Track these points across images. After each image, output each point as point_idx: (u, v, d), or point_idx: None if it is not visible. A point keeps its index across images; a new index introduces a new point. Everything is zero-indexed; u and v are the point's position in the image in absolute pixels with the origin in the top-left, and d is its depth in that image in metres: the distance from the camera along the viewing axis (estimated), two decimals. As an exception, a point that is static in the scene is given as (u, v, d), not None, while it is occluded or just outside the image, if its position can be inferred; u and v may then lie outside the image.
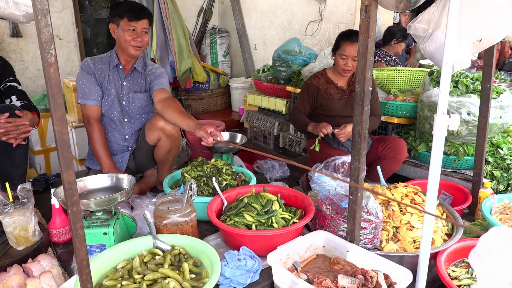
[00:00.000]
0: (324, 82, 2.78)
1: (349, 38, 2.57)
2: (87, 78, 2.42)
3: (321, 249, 1.84)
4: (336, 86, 2.77)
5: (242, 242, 1.79)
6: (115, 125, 2.54)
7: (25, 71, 4.32)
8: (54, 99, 1.00)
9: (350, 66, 2.62)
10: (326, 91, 2.76)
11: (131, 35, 2.33)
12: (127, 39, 2.34)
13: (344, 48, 2.59)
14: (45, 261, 1.69)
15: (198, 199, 2.08)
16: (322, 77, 2.79)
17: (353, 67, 2.63)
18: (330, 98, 2.76)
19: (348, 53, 2.59)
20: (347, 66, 2.63)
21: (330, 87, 2.77)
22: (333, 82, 2.77)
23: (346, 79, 2.78)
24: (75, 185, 1.09)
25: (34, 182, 2.65)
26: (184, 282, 1.49)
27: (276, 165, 3.13)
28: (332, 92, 2.76)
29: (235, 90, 5.00)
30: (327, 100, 2.75)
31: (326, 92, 2.76)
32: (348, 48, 2.57)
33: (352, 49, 2.56)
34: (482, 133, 2.33)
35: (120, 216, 1.83)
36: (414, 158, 2.91)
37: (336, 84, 2.77)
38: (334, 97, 2.76)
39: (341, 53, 2.62)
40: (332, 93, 2.76)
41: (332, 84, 2.77)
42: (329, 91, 2.77)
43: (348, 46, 2.57)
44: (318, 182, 2.04)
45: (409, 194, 2.07)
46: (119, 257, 1.64)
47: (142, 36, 2.35)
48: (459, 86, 2.67)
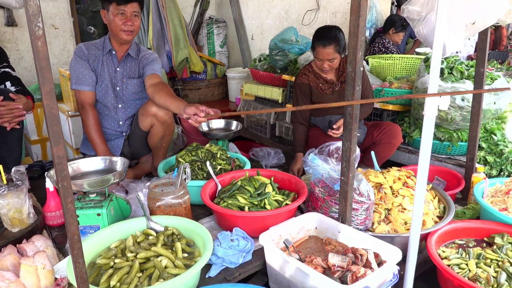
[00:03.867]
0: (313, 78, 2.75)
1: (320, 42, 2.54)
2: (81, 63, 2.41)
3: (313, 231, 1.85)
4: (325, 80, 2.75)
5: (235, 224, 1.81)
6: (109, 111, 2.54)
7: (21, 60, 4.30)
8: (43, 72, 1.01)
9: (327, 67, 2.61)
10: (317, 88, 2.74)
11: (121, 19, 2.31)
12: (117, 24, 2.32)
13: (318, 52, 2.57)
14: (40, 241, 1.70)
15: (192, 183, 2.10)
16: (310, 73, 2.76)
17: (330, 67, 2.62)
18: (322, 94, 2.74)
19: (322, 57, 2.57)
20: (323, 67, 2.62)
21: (320, 82, 2.74)
22: (321, 76, 2.74)
23: (334, 71, 2.76)
24: (65, 160, 1.09)
25: (29, 168, 2.65)
26: (176, 260, 1.50)
27: (271, 152, 3.14)
28: (323, 87, 2.74)
29: (232, 80, 4.99)
30: (320, 96, 2.74)
31: (317, 89, 2.74)
32: (321, 51, 2.55)
33: (325, 53, 2.54)
34: (476, 119, 2.34)
35: (114, 198, 1.84)
36: (409, 145, 2.93)
37: (325, 78, 2.75)
38: (326, 92, 2.74)
39: (316, 56, 2.61)
40: (323, 88, 2.74)
41: (321, 78, 2.75)
42: (320, 87, 2.74)
43: (321, 50, 2.55)
44: (312, 165, 2.05)
45: (402, 177, 2.09)
46: (112, 237, 1.65)
47: (132, 20, 2.33)
48: (454, 73, 2.68)
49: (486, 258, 1.71)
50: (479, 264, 1.66)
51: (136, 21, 2.36)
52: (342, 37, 2.57)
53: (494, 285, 1.54)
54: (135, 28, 2.37)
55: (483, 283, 1.55)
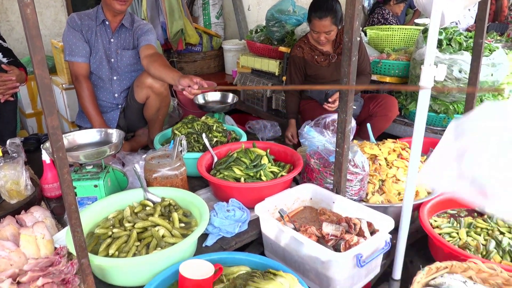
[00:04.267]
0: (309, 50, 2.70)
1: (317, 14, 2.48)
2: (74, 34, 2.37)
3: (308, 201, 1.88)
4: (321, 52, 2.70)
5: (231, 195, 1.83)
6: (103, 83, 2.52)
7: (12, 32, 4.21)
8: (33, 41, 0.99)
9: (323, 39, 2.56)
10: (312, 60, 2.70)
11: None
12: None
13: (314, 24, 2.52)
14: (38, 212, 1.73)
15: (188, 155, 2.11)
16: (305, 45, 2.71)
17: (327, 39, 2.57)
18: (318, 67, 2.70)
19: (318, 29, 2.52)
20: (319, 40, 2.58)
21: (316, 54, 2.70)
22: (317, 49, 2.70)
23: (331, 43, 2.71)
24: (59, 130, 1.09)
25: (25, 141, 2.65)
26: (173, 230, 1.53)
27: (268, 125, 3.13)
28: (319, 59, 2.70)
29: (228, 53, 4.92)
30: (315, 69, 2.71)
31: (312, 61, 2.70)
32: (318, 24, 2.50)
33: (321, 26, 2.49)
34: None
35: (110, 170, 1.85)
36: (405, 117, 2.93)
37: (321, 50, 2.70)
38: (322, 64, 2.70)
39: (312, 28, 2.56)
40: (319, 60, 2.70)
41: (317, 50, 2.70)
42: (316, 59, 2.70)
43: (317, 22, 2.50)
44: (307, 137, 2.06)
45: (397, 149, 2.10)
46: (110, 208, 1.68)
47: None
48: (452, 44, 2.65)
49: (477, 227, 1.75)
50: (470, 232, 1.70)
51: None
52: (339, 8, 2.52)
53: (483, 252, 1.58)
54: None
55: (473, 250, 1.59)
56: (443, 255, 1.61)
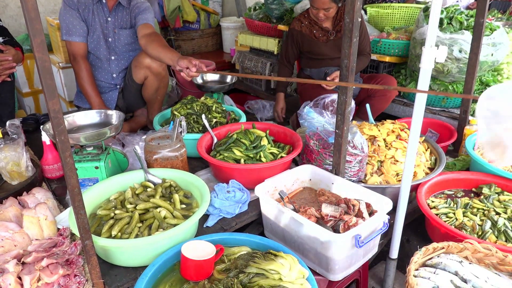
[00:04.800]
0: (308, 25, 2.68)
1: None
2: (71, 13, 2.32)
3: (308, 182, 1.90)
4: (321, 27, 2.68)
5: (231, 176, 1.85)
6: (101, 63, 2.49)
7: (5, 8, 4.11)
8: (32, 24, 0.97)
9: (322, 16, 2.56)
10: (310, 34, 2.68)
11: None
12: None
13: (313, 0, 2.51)
14: (40, 194, 1.74)
15: (188, 136, 2.11)
16: (305, 20, 2.69)
17: (326, 16, 2.57)
18: (316, 41, 2.68)
19: (317, 5, 2.51)
20: (319, 17, 2.57)
21: (315, 29, 2.68)
22: (317, 24, 2.68)
23: (331, 19, 2.69)
24: (61, 114, 1.09)
25: (24, 122, 2.64)
26: (175, 211, 1.55)
27: (267, 105, 3.13)
28: (318, 34, 2.68)
29: (226, 30, 4.85)
30: (313, 43, 2.69)
31: (310, 36, 2.68)
32: (317, 0, 2.49)
33: (320, 2, 2.48)
34: (472, 70, 2.33)
35: (111, 151, 1.86)
36: (404, 97, 2.93)
37: (320, 25, 2.69)
38: (320, 39, 2.69)
39: (312, 4, 2.55)
40: (318, 35, 2.68)
41: (316, 25, 2.68)
42: (314, 34, 2.69)
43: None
44: (307, 118, 2.06)
45: (396, 130, 2.11)
46: (111, 190, 1.69)
47: None
48: (453, 23, 2.62)
49: (473, 207, 1.78)
50: (466, 213, 1.73)
51: None
52: None
53: (479, 232, 1.62)
54: None
55: (469, 230, 1.63)
56: (440, 235, 1.64)
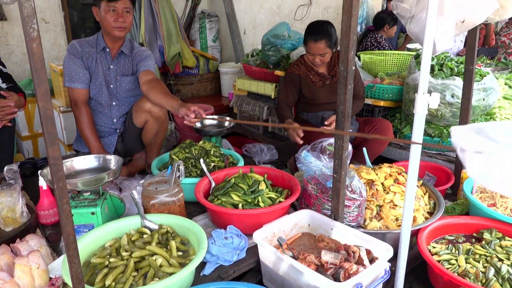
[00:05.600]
0: (305, 69, 2.77)
1: (312, 37, 2.56)
2: (75, 61, 2.40)
3: (307, 228, 1.88)
4: (317, 72, 2.77)
5: (229, 221, 1.83)
6: (103, 109, 2.53)
7: (11, 55, 4.25)
8: (38, 74, 1.01)
9: (318, 61, 2.64)
10: (307, 79, 2.76)
11: (113, 16, 2.30)
12: (109, 20, 2.31)
13: (309, 46, 2.60)
14: (33, 241, 1.70)
15: (186, 180, 2.11)
16: (302, 65, 2.78)
17: (321, 61, 2.65)
18: (313, 86, 2.76)
19: (313, 52, 2.60)
20: (315, 62, 2.66)
21: (311, 74, 2.76)
22: (313, 69, 2.76)
23: (326, 65, 2.78)
24: (60, 161, 1.10)
25: (21, 165, 2.63)
26: (171, 259, 1.51)
27: (264, 148, 3.15)
28: (314, 79, 2.76)
29: (225, 75, 4.99)
30: (310, 88, 2.76)
31: (307, 80, 2.76)
32: (313, 46, 2.58)
33: (316, 48, 2.57)
34: (465, 115, 2.38)
35: (108, 197, 1.84)
36: (400, 141, 2.96)
37: (316, 70, 2.77)
38: (316, 84, 2.76)
39: (308, 50, 2.64)
40: (314, 80, 2.76)
41: (313, 71, 2.76)
42: (311, 78, 2.76)
43: (312, 45, 2.58)
44: (305, 162, 2.07)
45: (393, 174, 2.12)
46: (107, 236, 1.66)
47: (124, 16, 2.32)
48: (444, 69, 2.71)
49: (475, 253, 1.75)
50: (468, 259, 1.70)
51: (128, 17, 2.35)
52: (334, 32, 2.59)
53: (482, 280, 1.58)
54: (127, 25, 2.36)
55: (472, 278, 1.59)
56: (443, 282, 1.60)
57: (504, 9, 2.06)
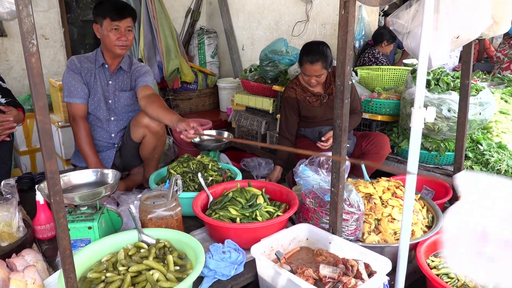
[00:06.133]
0: (301, 91, 2.77)
1: (308, 58, 2.56)
2: (73, 76, 2.42)
3: (305, 242, 1.87)
4: (312, 93, 2.77)
5: (226, 235, 1.82)
6: (101, 123, 2.54)
7: (10, 71, 4.28)
8: (36, 89, 1.02)
9: (314, 82, 2.65)
10: (305, 101, 2.76)
11: (115, 35, 2.33)
12: (111, 39, 2.34)
13: (305, 68, 2.60)
14: (30, 255, 1.69)
15: (184, 194, 2.10)
16: (297, 87, 2.78)
17: (317, 82, 2.66)
18: (310, 107, 2.76)
19: (309, 73, 2.60)
20: (310, 83, 2.66)
21: (308, 95, 2.77)
22: (309, 90, 2.77)
23: (322, 84, 2.79)
24: (58, 175, 1.10)
25: (19, 180, 2.63)
26: (168, 273, 1.50)
27: (262, 162, 3.16)
28: (311, 100, 2.77)
29: (223, 90, 5.02)
30: (308, 109, 2.77)
31: (305, 102, 2.76)
32: (309, 68, 2.58)
33: (312, 70, 2.57)
34: (462, 129, 2.39)
35: (105, 211, 1.83)
36: (398, 155, 2.97)
37: (312, 91, 2.78)
38: (314, 105, 2.77)
39: (303, 72, 2.64)
40: (311, 101, 2.77)
41: (308, 91, 2.77)
42: (308, 99, 2.76)
43: (308, 67, 2.58)
44: (302, 176, 2.07)
45: (391, 187, 2.12)
46: (104, 251, 1.65)
47: (126, 35, 2.36)
48: (440, 84, 2.74)
49: (474, 267, 1.74)
50: (467, 273, 1.69)
51: (130, 35, 2.38)
52: (329, 53, 2.61)
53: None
54: (129, 43, 2.40)
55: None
56: (442, 296, 1.59)
57: (498, 25, 2.10)
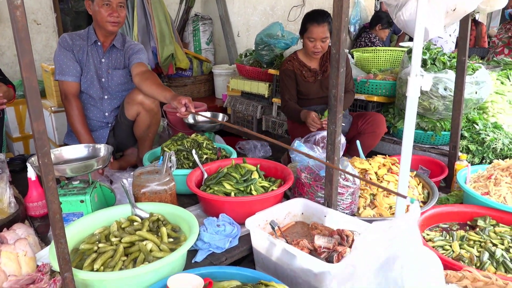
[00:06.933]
0: (298, 65, 2.75)
1: (315, 20, 2.53)
2: (65, 54, 2.38)
3: (300, 216, 1.85)
4: (309, 68, 2.76)
5: (221, 210, 1.80)
6: (94, 102, 2.51)
7: (2, 56, 4.21)
8: (21, 44, 0.99)
9: (319, 48, 2.61)
10: (301, 75, 2.75)
11: (107, 11, 2.29)
12: (103, 15, 2.29)
13: (311, 31, 2.56)
14: (21, 230, 1.66)
15: (178, 171, 2.08)
16: (294, 61, 2.76)
17: (322, 48, 2.62)
18: (305, 83, 2.75)
19: (315, 36, 2.56)
20: (316, 48, 2.61)
21: (304, 70, 2.75)
22: (305, 65, 2.75)
23: (318, 60, 2.77)
24: (45, 135, 1.07)
25: (11, 161, 2.60)
26: (162, 244, 1.48)
27: (258, 145, 3.14)
28: (307, 75, 2.75)
29: (219, 77, 4.98)
30: (303, 84, 2.75)
31: (301, 76, 2.75)
32: (315, 30, 2.54)
33: (319, 31, 2.54)
34: (458, 107, 2.38)
35: (97, 186, 1.81)
36: (393, 136, 2.96)
37: (309, 66, 2.76)
38: (309, 80, 2.75)
39: (309, 36, 2.59)
40: (307, 76, 2.75)
41: (305, 67, 2.75)
42: (304, 74, 2.75)
43: (315, 28, 2.54)
44: (298, 153, 2.05)
45: (387, 164, 2.11)
46: (96, 224, 1.62)
47: (118, 11, 2.31)
48: (437, 63, 2.72)
49: (469, 239, 1.73)
50: (463, 245, 1.68)
51: (122, 12, 2.34)
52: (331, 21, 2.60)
53: (477, 264, 1.56)
54: (121, 20, 2.35)
55: (466, 262, 1.57)
56: (437, 267, 1.58)
57: (494, 0, 2.08)
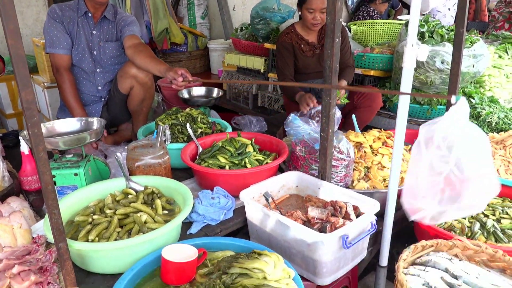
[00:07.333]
0: (295, 38, 2.69)
1: None
2: (55, 25, 2.32)
3: (294, 189, 1.86)
4: (307, 42, 2.70)
5: (216, 183, 1.80)
6: (86, 76, 2.47)
7: (-8, 30, 4.13)
8: (5, 9, 0.95)
9: (319, 19, 2.54)
10: (299, 49, 2.69)
11: None
12: None
13: (311, 1, 2.49)
14: (15, 203, 1.67)
15: (172, 145, 2.07)
16: (292, 34, 2.70)
17: (322, 20, 2.55)
18: (303, 56, 2.70)
19: (315, 6, 2.49)
20: (315, 20, 2.54)
21: (302, 44, 2.70)
22: (303, 38, 2.69)
23: (316, 34, 2.70)
24: (35, 105, 1.06)
25: (4, 137, 2.58)
26: (156, 216, 1.49)
27: (253, 120, 3.12)
28: (304, 48, 2.70)
29: (214, 52, 4.91)
30: (301, 57, 2.70)
31: (299, 50, 2.69)
32: (315, 0, 2.48)
33: (319, 1, 2.46)
34: (454, 80, 2.35)
35: (91, 159, 1.80)
36: (389, 110, 2.95)
37: (307, 40, 2.70)
38: (307, 54, 2.70)
39: (308, 7, 2.52)
40: (305, 50, 2.70)
41: (303, 40, 2.70)
42: (301, 48, 2.69)
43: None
44: (293, 126, 2.04)
45: (382, 137, 2.11)
46: (91, 197, 1.63)
47: None
48: (434, 36, 2.68)
49: (462, 211, 1.75)
50: (455, 216, 1.70)
51: None
52: None
53: (468, 234, 1.59)
54: None
55: (458, 232, 1.60)
56: (429, 238, 1.60)
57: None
